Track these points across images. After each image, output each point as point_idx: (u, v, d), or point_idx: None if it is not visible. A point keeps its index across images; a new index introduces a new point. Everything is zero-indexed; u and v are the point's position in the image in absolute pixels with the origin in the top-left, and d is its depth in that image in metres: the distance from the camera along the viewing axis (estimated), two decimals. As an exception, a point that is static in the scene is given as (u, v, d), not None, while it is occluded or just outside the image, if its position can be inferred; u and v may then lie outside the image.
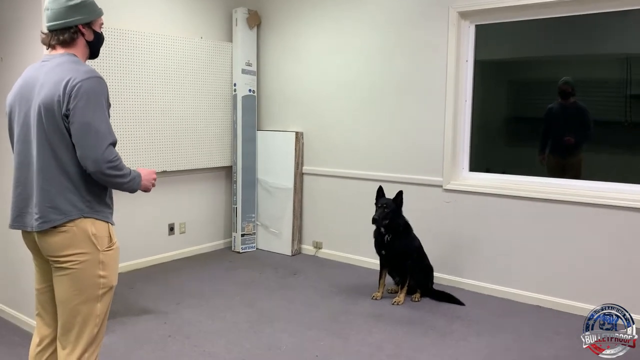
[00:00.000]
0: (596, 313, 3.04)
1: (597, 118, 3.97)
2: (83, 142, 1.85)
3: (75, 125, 1.84)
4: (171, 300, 3.90)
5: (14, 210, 2.01)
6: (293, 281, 4.38)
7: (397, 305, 3.84)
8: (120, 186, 1.96)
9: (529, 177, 4.04)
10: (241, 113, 5.17)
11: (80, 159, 1.87)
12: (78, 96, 1.83)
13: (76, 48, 2.00)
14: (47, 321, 2.10)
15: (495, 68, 4.44)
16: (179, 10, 4.82)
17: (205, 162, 5.09)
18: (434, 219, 4.31)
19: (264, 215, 5.34)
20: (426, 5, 4.23)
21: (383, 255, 3.96)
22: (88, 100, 1.84)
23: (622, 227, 3.54)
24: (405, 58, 4.39)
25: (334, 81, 4.86)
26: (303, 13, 5.01)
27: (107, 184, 1.95)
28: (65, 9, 1.94)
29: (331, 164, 4.97)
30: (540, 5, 3.75)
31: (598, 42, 3.86)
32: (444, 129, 4.22)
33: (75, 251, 1.91)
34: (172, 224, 4.96)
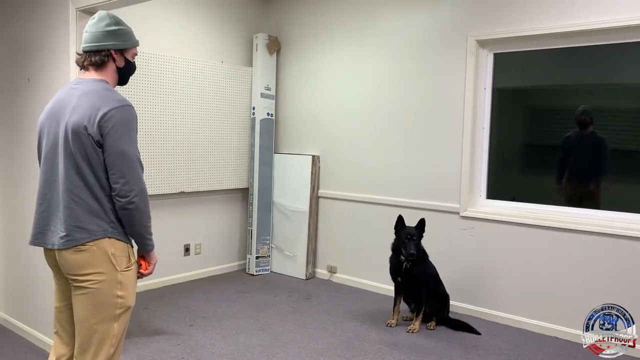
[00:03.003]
0: (596, 313, 3.01)
1: (615, 147, 3.94)
2: (117, 170, 1.90)
3: (109, 153, 1.90)
4: (185, 322, 3.90)
5: (36, 227, 2.05)
6: (306, 305, 4.36)
7: (412, 333, 3.79)
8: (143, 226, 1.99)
9: (546, 206, 4.00)
10: (259, 136, 5.23)
11: (113, 187, 1.92)
12: (110, 125, 1.89)
13: (106, 72, 2.07)
14: (64, 340, 2.12)
15: (513, 95, 4.44)
16: (202, 34, 4.93)
17: (222, 184, 5.14)
18: (451, 246, 4.28)
19: (278, 237, 5.34)
20: (445, 33, 4.27)
21: (399, 282, 3.93)
22: (120, 129, 1.90)
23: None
24: (424, 84, 4.42)
25: (352, 106, 4.90)
26: (322, 39, 5.09)
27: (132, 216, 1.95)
28: (102, 34, 2.02)
29: (347, 188, 4.97)
30: (559, 35, 3.77)
31: (616, 71, 3.85)
32: (462, 156, 4.22)
33: (94, 270, 1.94)
34: (188, 244, 4.99)
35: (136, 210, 1.93)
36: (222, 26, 5.10)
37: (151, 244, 2.09)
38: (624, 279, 3.54)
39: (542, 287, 3.87)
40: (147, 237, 2.04)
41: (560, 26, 3.71)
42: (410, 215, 4.02)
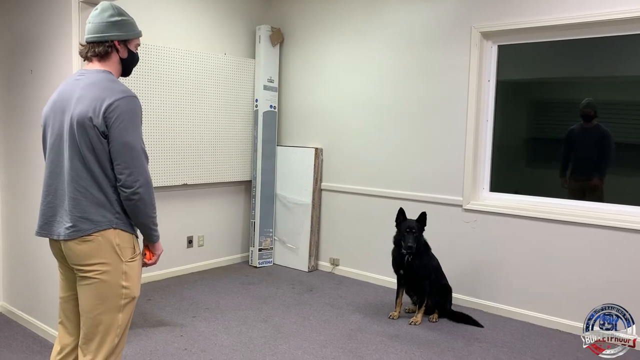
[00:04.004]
0: (596, 313, 3.02)
1: (620, 140, 3.93)
2: (122, 161, 1.91)
3: (114, 144, 1.90)
4: (187, 313, 3.91)
5: (42, 218, 2.05)
6: (309, 297, 4.37)
7: (414, 325, 3.80)
8: (149, 217, 2.00)
9: (549, 199, 4.00)
10: (262, 128, 5.22)
11: (119, 177, 1.93)
12: (115, 116, 1.89)
13: (109, 63, 2.06)
14: (69, 330, 2.13)
15: (517, 88, 4.43)
16: (204, 26, 4.91)
17: (225, 176, 5.14)
18: (453, 239, 4.28)
19: (281, 230, 5.35)
20: (449, 25, 4.25)
21: (401, 275, 3.93)
22: (125, 119, 1.90)
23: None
24: (427, 77, 4.40)
25: (354, 99, 4.89)
26: (325, 32, 5.07)
27: (137, 207, 1.95)
28: (105, 25, 2.02)
29: (350, 181, 4.97)
30: (563, 27, 3.75)
31: (621, 64, 3.83)
32: (465, 149, 4.21)
33: (99, 260, 1.94)
34: (191, 236, 5.00)
35: (141, 201, 1.94)
36: (224, 18, 5.08)
37: (156, 235, 2.09)
38: (627, 272, 3.54)
39: (544, 280, 3.88)
40: (153, 227, 2.05)
41: (565, 18, 3.69)
42: (414, 208, 4.02)
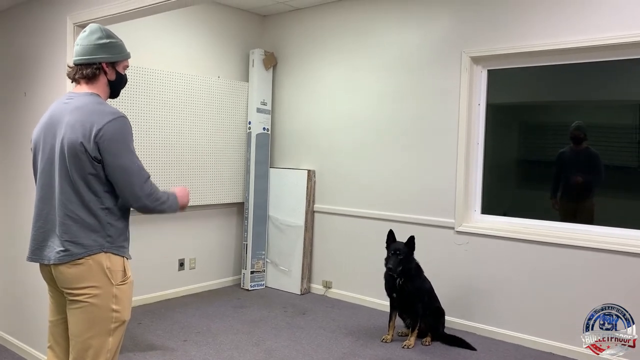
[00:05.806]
0: (596, 313, 3.00)
1: (609, 163, 3.97)
2: (121, 183, 1.94)
3: (110, 168, 1.91)
4: (178, 337, 3.87)
5: (33, 243, 2.04)
6: (301, 321, 4.33)
7: (407, 349, 3.78)
8: (162, 212, 2.07)
9: (541, 221, 4.02)
10: (254, 150, 5.24)
11: (122, 198, 1.96)
12: (107, 140, 1.89)
13: (97, 85, 2.06)
14: (58, 354, 2.11)
15: (508, 111, 4.48)
16: (198, 49, 4.96)
17: (217, 198, 5.13)
18: (446, 261, 4.28)
19: (273, 252, 5.33)
20: (440, 49, 4.32)
21: (394, 298, 3.92)
22: (117, 142, 1.91)
23: (636, 273, 3.49)
24: (418, 100, 4.45)
25: (347, 121, 4.93)
26: (318, 55, 5.14)
27: (151, 213, 2.06)
28: (93, 47, 2.02)
29: (342, 203, 4.98)
30: (552, 52, 3.82)
31: (610, 88, 3.90)
32: (456, 171, 4.24)
33: (90, 284, 1.93)
34: (183, 259, 4.96)
35: (148, 209, 2.01)
36: (218, 41, 5.14)
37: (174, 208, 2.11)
38: (618, 294, 3.54)
39: (537, 302, 3.87)
40: (168, 211, 2.09)
41: (553, 43, 3.76)
42: (406, 230, 4.03)
